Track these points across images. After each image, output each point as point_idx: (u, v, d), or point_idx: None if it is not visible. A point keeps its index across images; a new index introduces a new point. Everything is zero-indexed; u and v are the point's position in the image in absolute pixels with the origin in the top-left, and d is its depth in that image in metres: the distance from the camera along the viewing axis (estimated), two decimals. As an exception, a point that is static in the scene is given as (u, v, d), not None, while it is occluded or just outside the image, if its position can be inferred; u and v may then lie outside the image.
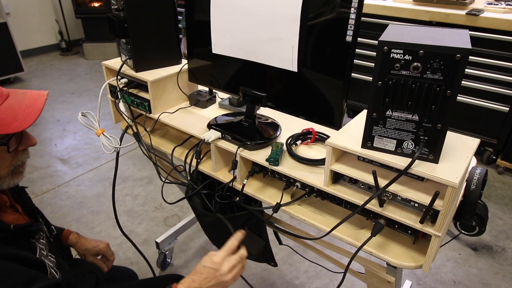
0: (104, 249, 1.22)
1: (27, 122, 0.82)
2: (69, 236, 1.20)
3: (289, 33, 0.95)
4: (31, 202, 1.00)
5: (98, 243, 1.22)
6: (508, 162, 2.49)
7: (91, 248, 1.20)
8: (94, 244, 1.21)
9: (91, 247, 1.20)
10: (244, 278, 1.08)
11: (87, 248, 1.20)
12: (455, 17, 2.29)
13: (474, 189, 0.86)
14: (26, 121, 0.81)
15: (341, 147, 0.86)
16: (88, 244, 1.20)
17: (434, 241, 0.82)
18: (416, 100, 0.76)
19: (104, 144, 1.26)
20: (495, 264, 1.89)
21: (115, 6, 1.24)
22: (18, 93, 0.87)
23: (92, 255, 1.21)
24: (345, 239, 0.93)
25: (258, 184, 1.11)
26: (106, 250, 1.22)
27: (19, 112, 0.82)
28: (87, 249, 1.20)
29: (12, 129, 0.80)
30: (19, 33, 4.48)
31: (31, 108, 0.84)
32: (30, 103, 0.85)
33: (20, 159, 0.88)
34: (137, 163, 2.69)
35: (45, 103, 0.87)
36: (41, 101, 0.86)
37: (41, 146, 2.92)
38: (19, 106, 0.83)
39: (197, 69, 1.24)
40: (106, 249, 1.23)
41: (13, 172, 0.87)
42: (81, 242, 1.20)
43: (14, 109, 0.82)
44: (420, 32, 0.79)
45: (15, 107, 0.82)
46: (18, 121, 0.81)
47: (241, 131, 1.11)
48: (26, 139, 0.87)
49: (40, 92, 0.89)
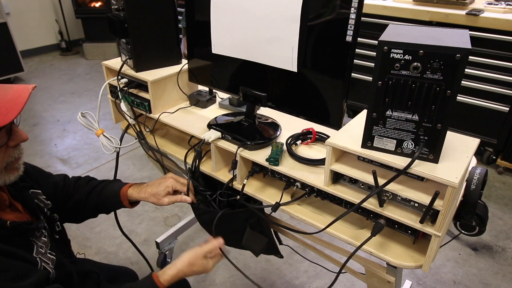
0: (174, 183, 1.11)
1: (9, 116, 0.79)
2: (127, 192, 1.12)
3: (289, 33, 0.95)
4: (32, 200, 0.98)
5: (162, 182, 1.11)
6: (508, 162, 2.49)
7: (160, 191, 1.10)
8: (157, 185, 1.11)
9: (161, 191, 1.10)
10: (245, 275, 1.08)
11: (156, 192, 1.10)
12: (455, 17, 2.29)
13: (474, 189, 0.86)
14: (8, 116, 0.79)
15: (341, 147, 0.86)
16: (154, 189, 1.10)
17: (434, 241, 0.82)
18: (416, 100, 0.76)
19: (104, 144, 1.26)
20: (495, 264, 1.89)
21: (115, 6, 1.24)
22: (3, 87, 0.85)
23: (166, 196, 1.10)
24: (345, 239, 0.93)
25: (258, 184, 1.11)
26: (176, 184, 1.12)
27: (1, 106, 0.80)
28: (157, 193, 1.10)
29: None
30: (19, 33, 4.48)
31: (14, 102, 0.82)
32: (13, 97, 0.82)
33: (12, 155, 0.87)
34: (137, 163, 2.69)
35: (29, 96, 0.84)
36: (24, 95, 0.83)
37: (41, 146, 2.92)
38: (1, 101, 0.81)
39: (197, 69, 1.24)
40: (175, 182, 1.12)
41: (7, 169, 0.86)
42: (144, 190, 1.11)
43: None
44: (420, 32, 0.79)
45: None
46: (0, 116, 0.79)
47: (241, 131, 1.11)
48: (16, 135, 0.86)
49: (25, 86, 0.86)
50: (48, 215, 1.02)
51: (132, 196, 1.12)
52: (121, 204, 1.13)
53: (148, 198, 1.10)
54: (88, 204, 1.14)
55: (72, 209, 1.14)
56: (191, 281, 1.80)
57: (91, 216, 1.18)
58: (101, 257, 1.96)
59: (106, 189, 1.15)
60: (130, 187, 1.14)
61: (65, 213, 1.12)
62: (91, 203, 1.14)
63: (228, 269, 1.87)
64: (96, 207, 1.15)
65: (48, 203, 1.04)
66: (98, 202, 1.14)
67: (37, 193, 1.02)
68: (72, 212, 1.14)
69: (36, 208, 0.98)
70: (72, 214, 1.15)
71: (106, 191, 1.14)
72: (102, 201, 1.14)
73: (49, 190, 1.09)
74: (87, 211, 1.15)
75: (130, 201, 1.13)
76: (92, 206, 1.14)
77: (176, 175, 1.16)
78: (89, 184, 1.16)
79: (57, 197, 1.11)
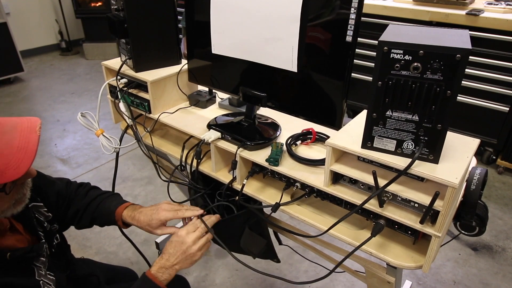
0: (166, 215, 1.04)
1: (21, 169, 0.74)
2: (122, 214, 1.08)
3: (289, 33, 0.94)
4: (32, 220, 0.96)
5: (154, 213, 1.04)
6: (508, 162, 2.49)
7: (152, 223, 1.04)
8: (150, 216, 1.04)
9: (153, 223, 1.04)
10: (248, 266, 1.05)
11: (148, 223, 1.05)
12: (455, 17, 2.29)
13: (474, 189, 0.86)
14: (20, 168, 0.74)
15: (341, 147, 0.86)
16: (147, 218, 1.05)
17: (434, 241, 0.82)
18: (416, 101, 0.76)
19: (103, 144, 1.26)
20: (495, 264, 1.88)
21: (115, 6, 1.24)
22: (6, 129, 0.77)
23: (158, 228, 1.05)
24: (345, 239, 0.93)
25: (258, 185, 1.11)
26: (168, 214, 1.05)
27: (10, 158, 0.74)
28: (149, 224, 1.05)
29: (6, 178, 0.74)
30: (19, 33, 4.48)
31: (24, 151, 0.76)
32: (21, 144, 0.76)
33: (21, 192, 0.84)
34: (137, 163, 2.69)
35: (39, 140, 0.79)
36: (34, 141, 0.77)
37: (41, 146, 2.92)
38: (10, 151, 0.74)
39: (197, 69, 1.24)
40: (168, 213, 1.05)
41: (15, 204, 0.84)
42: (137, 218, 1.06)
43: (4, 155, 0.74)
44: (420, 32, 0.79)
45: (6, 152, 0.74)
46: (11, 169, 0.74)
47: (241, 131, 1.11)
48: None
49: (31, 126, 0.80)
50: (47, 229, 1.00)
51: (125, 219, 1.09)
52: (116, 223, 1.12)
53: (142, 227, 1.07)
54: (84, 217, 1.13)
55: (70, 218, 1.13)
56: (191, 281, 1.80)
57: (87, 226, 1.16)
58: (101, 257, 1.96)
59: (103, 206, 1.12)
60: (126, 208, 1.10)
61: (66, 220, 1.12)
62: (87, 216, 1.12)
63: (228, 269, 1.87)
64: (91, 221, 1.14)
65: (48, 215, 1.02)
66: (93, 217, 1.12)
67: (38, 206, 1.00)
68: (71, 220, 1.14)
69: (37, 226, 0.96)
70: (71, 222, 1.15)
71: (102, 208, 1.12)
72: (97, 217, 1.12)
73: (52, 199, 1.08)
74: (83, 223, 1.14)
75: (124, 222, 1.11)
76: (87, 219, 1.13)
77: (171, 202, 1.11)
78: (88, 195, 1.14)
79: (59, 206, 1.10)
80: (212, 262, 1.92)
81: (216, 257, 1.94)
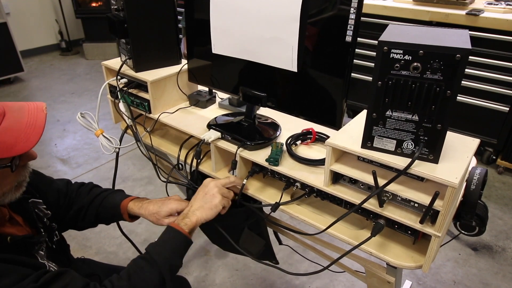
0: (178, 206, 1.05)
1: (30, 143, 0.79)
2: (128, 206, 1.08)
3: (289, 33, 0.94)
4: (32, 212, 0.97)
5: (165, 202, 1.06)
6: (508, 162, 2.49)
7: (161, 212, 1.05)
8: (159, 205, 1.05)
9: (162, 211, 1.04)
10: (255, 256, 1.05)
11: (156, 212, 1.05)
12: (455, 17, 2.29)
13: (474, 189, 0.86)
14: (29, 142, 0.79)
15: (341, 147, 0.86)
16: (155, 207, 1.05)
17: (434, 241, 0.82)
18: (416, 100, 0.76)
19: (103, 144, 1.26)
20: (495, 264, 1.88)
21: (115, 6, 1.24)
22: (14, 109, 0.82)
23: (166, 218, 1.05)
24: (345, 239, 0.93)
25: (257, 184, 1.11)
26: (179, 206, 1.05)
27: (20, 133, 0.79)
28: (157, 213, 1.05)
29: (15, 151, 0.78)
30: (19, 33, 4.48)
31: (33, 127, 0.81)
32: (30, 121, 0.82)
33: (24, 174, 0.87)
34: (137, 163, 2.69)
35: (46, 118, 0.84)
36: (41, 118, 0.83)
37: (41, 146, 2.91)
38: (19, 127, 0.80)
39: (197, 69, 1.24)
40: (179, 205, 1.05)
41: (16, 186, 0.86)
42: (145, 207, 1.07)
43: (14, 130, 0.79)
44: (420, 32, 0.79)
45: (15, 127, 0.79)
46: (21, 143, 0.78)
47: (241, 131, 1.11)
48: (26, 154, 0.85)
49: (38, 107, 0.85)
50: (47, 225, 1.01)
51: (132, 210, 1.09)
52: (121, 217, 1.11)
53: (148, 216, 1.06)
54: (88, 213, 1.12)
55: (73, 217, 1.12)
56: (191, 281, 1.80)
57: (90, 225, 1.15)
58: (101, 257, 1.96)
59: (107, 200, 1.12)
60: (132, 200, 1.10)
61: (65, 220, 1.11)
62: (92, 213, 1.11)
63: (228, 269, 1.87)
64: (96, 217, 1.12)
65: (47, 213, 1.02)
66: (98, 212, 1.11)
67: (37, 203, 1.01)
68: (72, 220, 1.13)
69: (36, 220, 0.96)
70: (73, 222, 1.13)
71: (107, 203, 1.11)
72: (102, 212, 1.11)
73: (52, 197, 1.07)
74: (87, 220, 1.13)
75: (130, 215, 1.10)
76: (92, 216, 1.12)
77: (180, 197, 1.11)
78: (91, 192, 1.13)
79: (60, 205, 1.09)
80: (212, 262, 1.92)
81: (216, 257, 1.95)
